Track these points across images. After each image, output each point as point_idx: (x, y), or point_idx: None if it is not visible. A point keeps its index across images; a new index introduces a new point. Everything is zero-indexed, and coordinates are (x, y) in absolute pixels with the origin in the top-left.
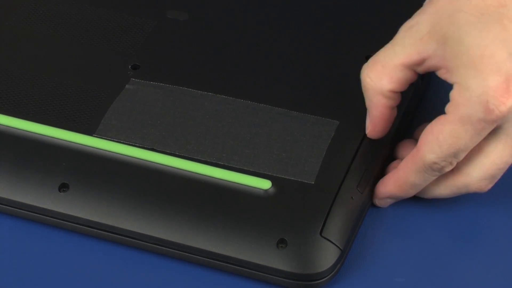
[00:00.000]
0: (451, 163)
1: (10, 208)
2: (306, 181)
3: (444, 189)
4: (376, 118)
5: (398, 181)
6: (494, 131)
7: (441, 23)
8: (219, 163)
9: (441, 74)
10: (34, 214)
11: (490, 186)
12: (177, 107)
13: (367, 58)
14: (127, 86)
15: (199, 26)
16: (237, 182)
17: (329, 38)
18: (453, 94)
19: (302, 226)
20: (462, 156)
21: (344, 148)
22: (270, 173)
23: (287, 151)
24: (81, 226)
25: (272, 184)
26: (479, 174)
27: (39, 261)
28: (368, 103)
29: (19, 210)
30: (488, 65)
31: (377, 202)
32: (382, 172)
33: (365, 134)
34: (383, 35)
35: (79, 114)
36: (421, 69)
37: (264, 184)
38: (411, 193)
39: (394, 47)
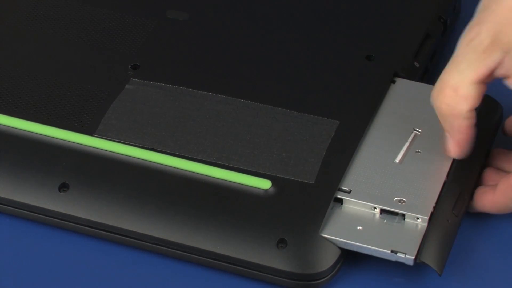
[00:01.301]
0: None
1: (10, 208)
2: (306, 181)
3: None
4: (463, 141)
5: (496, 204)
6: None
7: (504, 31)
8: (219, 163)
9: (510, 83)
10: (34, 214)
11: None
12: (177, 107)
13: (367, 58)
14: (127, 86)
15: (199, 26)
16: (237, 182)
17: (329, 38)
18: None
19: (302, 226)
20: None
21: (344, 148)
22: (270, 173)
23: (287, 151)
24: (81, 226)
25: (272, 184)
26: None
27: (39, 261)
28: (448, 128)
29: (19, 210)
30: None
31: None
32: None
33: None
34: (384, 35)
35: (79, 114)
36: (489, 80)
37: (264, 184)
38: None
39: (459, 66)
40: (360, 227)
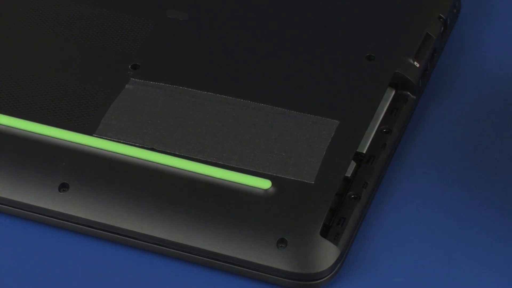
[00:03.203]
0: None
1: (10, 208)
2: (306, 181)
3: None
4: None
5: None
6: None
7: None
8: (219, 163)
9: None
10: (34, 214)
11: None
12: (177, 107)
13: (367, 58)
14: (127, 86)
15: (199, 26)
16: (237, 182)
17: (329, 37)
18: None
19: (302, 226)
20: None
21: (344, 148)
22: (270, 173)
23: (287, 151)
24: (81, 226)
25: (272, 184)
26: None
27: (39, 261)
28: None
29: (19, 210)
30: None
31: None
32: None
33: None
34: (384, 34)
35: (79, 114)
36: None
37: (264, 184)
38: None
39: None
40: None
